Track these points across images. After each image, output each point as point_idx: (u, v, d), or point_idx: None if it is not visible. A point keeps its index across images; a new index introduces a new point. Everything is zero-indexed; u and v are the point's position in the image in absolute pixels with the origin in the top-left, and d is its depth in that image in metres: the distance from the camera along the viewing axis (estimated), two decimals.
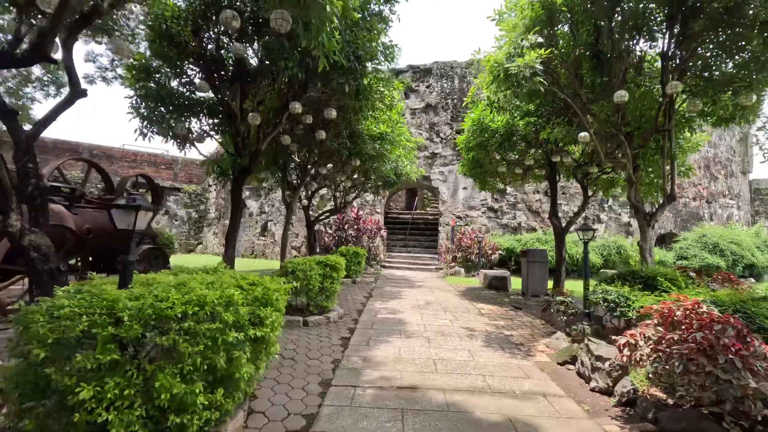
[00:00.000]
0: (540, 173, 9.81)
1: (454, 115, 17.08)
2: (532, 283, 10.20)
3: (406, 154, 11.33)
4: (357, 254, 11.67)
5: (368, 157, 8.83)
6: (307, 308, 6.46)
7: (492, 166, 9.76)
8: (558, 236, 9.37)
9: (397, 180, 11.24)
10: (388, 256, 17.33)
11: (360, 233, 15.46)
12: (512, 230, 16.20)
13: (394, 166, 11.00)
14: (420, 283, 12.30)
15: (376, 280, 12.79)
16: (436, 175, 16.94)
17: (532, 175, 10.47)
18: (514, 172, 10.03)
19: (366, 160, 8.97)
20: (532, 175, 10.47)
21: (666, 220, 17.10)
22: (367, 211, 17.21)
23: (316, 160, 9.05)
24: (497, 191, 11.90)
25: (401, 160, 10.99)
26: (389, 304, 8.40)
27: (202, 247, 22.31)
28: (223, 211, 21.31)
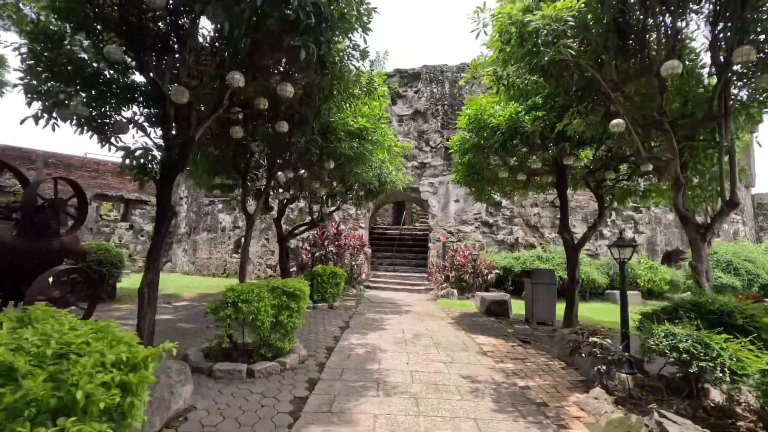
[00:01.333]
0: (546, 181, 8.45)
1: (444, 122, 15.81)
2: (538, 308, 8.72)
3: (391, 160, 9.89)
4: (335, 275, 10.08)
5: (345, 159, 7.35)
6: (257, 351, 4.85)
7: (491, 172, 8.37)
8: (570, 254, 7.95)
9: (380, 189, 9.76)
10: (373, 276, 15.73)
11: (341, 250, 13.89)
12: (509, 247, 14.79)
13: (378, 172, 9.54)
14: (407, 307, 10.72)
15: (357, 303, 11.17)
16: (425, 187, 15.55)
17: (535, 183, 9.09)
18: (517, 179, 8.65)
19: (342, 162, 7.49)
20: (535, 183, 9.09)
21: (672, 236, 15.91)
22: (349, 225, 15.68)
23: (282, 161, 7.53)
24: (492, 204, 10.51)
25: (386, 165, 9.54)
26: (369, 338, 6.81)
27: (171, 265, 20.42)
28: (193, 225, 19.57)
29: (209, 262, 18.47)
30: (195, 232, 19.38)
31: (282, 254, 11.14)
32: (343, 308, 10.14)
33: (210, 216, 18.81)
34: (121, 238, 19.14)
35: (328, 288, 9.92)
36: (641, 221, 15.29)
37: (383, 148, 8.23)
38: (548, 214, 14.86)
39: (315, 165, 7.73)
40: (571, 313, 7.71)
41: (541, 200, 14.90)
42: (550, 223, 14.86)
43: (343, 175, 8.22)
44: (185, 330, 7.05)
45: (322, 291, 9.93)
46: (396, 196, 16.50)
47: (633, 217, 15.24)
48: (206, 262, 18.58)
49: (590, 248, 14.79)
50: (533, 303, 8.72)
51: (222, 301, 4.61)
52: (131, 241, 19.48)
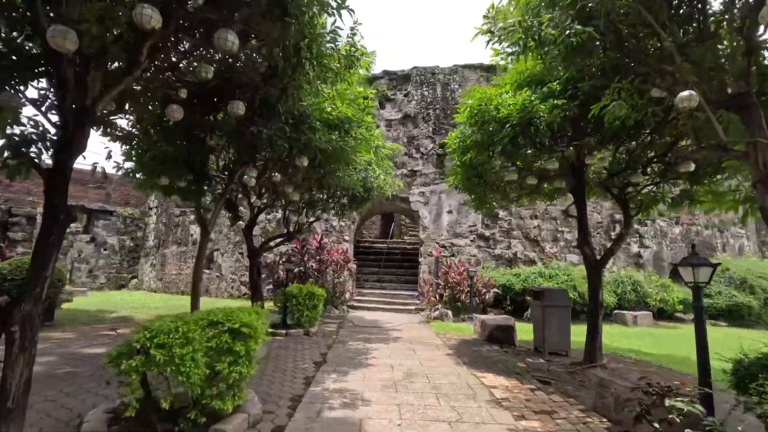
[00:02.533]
0: (558, 185, 7.23)
1: (436, 127, 14.65)
2: (551, 335, 7.41)
3: (378, 162, 8.59)
4: (312, 296, 8.64)
5: (322, 157, 6.01)
6: (184, 415, 3.39)
7: (495, 175, 7.12)
8: (592, 271, 6.68)
9: (366, 196, 8.43)
10: (358, 294, 14.27)
11: (323, 266, 12.44)
12: (506, 262, 13.53)
13: (363, 176, 8.22)
14: (397, 332, 9.30)
15: (339, 328, 9.71)
16: (415, 197, 14.28)
17: (544, 190, 7.88)
18: (525, 184, 7.41)
19: (320, 161, 6.14)
20: (544, 190, 7.88)
21: (679, 251, 14.87)
22: (333, 239, 14.27)
23: (245, 158, 6.15)
24: (492, 215, 9.24)
25: (372, 168, 8.23)
26: (349, 379, 5.38)
27: (137, 281, 18.63)
28: (163, 238, 17.90)
29: (178, 279, 16.78)
30: (164, 245, 17.70)
31: (253, 270, 9.67)
32: (321, 334, 8.67)
33: (180, 228, 17.20)
34: (80, 252, 17.35)
35: (304, 311, 8.47)
36: (646, 235, 14.23)
37: (369, 147, 6.92)
38: (549, 226, 13.70)
39: (286, 163, 6.37)
40: (594, 343, 6.40)
41: (541, 212, 13.75)
42: (551, 236, 13.68)
43: (322, 178, 6.86)
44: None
45: (297, 315, 8.47)
46: (383, 206, 15.20)
47: (638, 231, 14.18)
48: (175, 279, 16.89)
49: None
50: (544, 329, 7.41)
51: (127, 344, 3.18)
52: (92, 255, 17.69)
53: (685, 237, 15.13)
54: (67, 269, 16.02)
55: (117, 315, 10.88)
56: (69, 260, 16.55)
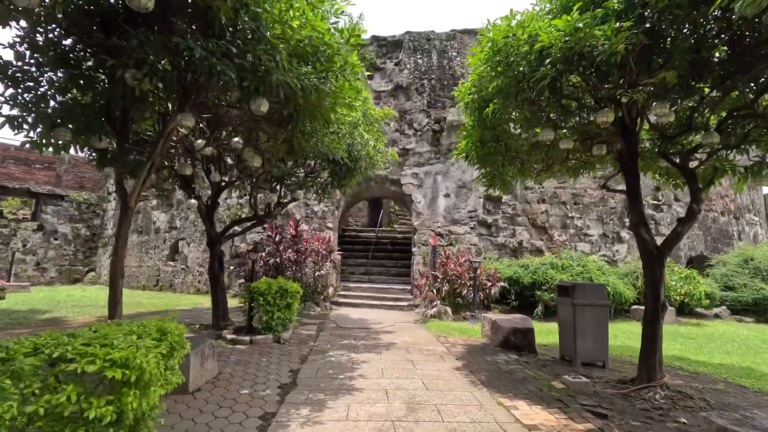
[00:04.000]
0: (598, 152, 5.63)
1: (432, 99, 12.95)
2: (585, 343, 5.88)
3: (368, 127, 6.88)
4: (285, 293, 6.92)
5: (292, 105, 4.27)
6: None
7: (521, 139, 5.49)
8: (651, 262, 5.12)
9: (352, 167, 6.70)
10: (344, 289, 12.60)
11: (302, 256, 10.71)
12: (511, 252, 12.00)
13: (349, 143, 6.50)
14: (389, 335, 7.68)
15: (319, 330, 8.04)
16: (408, 179, 12.60)
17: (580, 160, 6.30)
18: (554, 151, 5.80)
19: (287, 108, 4.40)
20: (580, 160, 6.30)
21: (696, 239, 13.58)
22: (314, 226, 12.53)
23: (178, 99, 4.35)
24: (507, 193, 7.58)
25: (359, 132, 6.51)
26: (324, 422, 3.71)
27: (95, 275, 16.59)
28: None
29: (139, 272, 14.83)
30: None
31: (213, 261, 7.96)
32: (296, 340, 6.98)
33: (142, 214, 15.20)
34: (25, 242, 15.21)
35: (274, 312, 6.75)
36: (662, 221, 12.87)
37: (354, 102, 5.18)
38: (558, 211, 12.20)
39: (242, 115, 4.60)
40: (654, 356, 4.86)
41: (549, 195, 12.23)
42: (560, 222, 12.19)
43: (293, 139, 5.11)
44: None
45: (265, 317, 6.75)
46: (371, 190, 13.50)
47: (653, 217, 12.80)
48: (135, 272, 14.94)
49: (607, 253, 12.21)
50: (576, 333, 5.87)
51: None
52: (40, 246, 15.57)
53: (702, 224, 13.84)
54: (8, 261, 13.94)
55: (49, 316, 9.00)
56: (10, 251, 14.42)
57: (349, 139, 6.57)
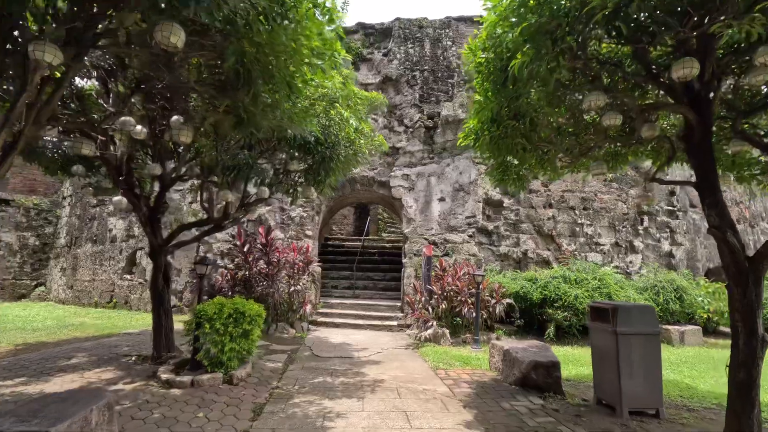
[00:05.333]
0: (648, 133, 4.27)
1: (424, 93, 11.62)
2: (631, 381, 4.45)
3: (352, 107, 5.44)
4: (241, 317, 5.35)
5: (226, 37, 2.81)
6: None
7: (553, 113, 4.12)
8: (742, 278, 3.67)
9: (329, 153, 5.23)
10: (324, 306, 11.03)
11: (274, 269, 9.14)
12: (515, 263, 10.61)
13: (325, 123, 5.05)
14: (375, 368, 6.14)
15: (289, 362, 6.46)
16: (398, 181, 11.18)
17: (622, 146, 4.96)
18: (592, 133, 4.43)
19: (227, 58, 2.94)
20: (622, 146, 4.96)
21: (713, 249, 12.38)
22: (291, 234, 10.98)
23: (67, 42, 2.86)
24: (521, 189, 6.14)
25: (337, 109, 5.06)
26: None
27: (44, 290, 14.68)
28: (76, 234, 14.06)
29: (92, 287, 13.02)
30: (77, 244, 13.88)
31: (156, 277, 6.39)
32: (255, 379, 5.40)
33: (97, 221, 13.44)
34: None
35: (226, 343, 5.16)
36: (678, 229, 11.65)
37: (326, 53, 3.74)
38: (566, 217, 10.88)
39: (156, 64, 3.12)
40: (751, 412, 3.42)
41: (556, 199, 10.92)
42: (568, 230, 10.86)
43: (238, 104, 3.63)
44: None
45: (214, 349, 5.16)
46: (356, 193, 12.03)
47: (669, 224, 11.58)
48: (88, 286, 13.12)
49: (620, 264, 10.90)
50: (620, 372, 4.44)
51: None
52: None
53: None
54: None
55: None
56: None
57: (325, 119, 5.12)
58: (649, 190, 11.25)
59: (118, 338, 8.05)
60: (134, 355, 6.50)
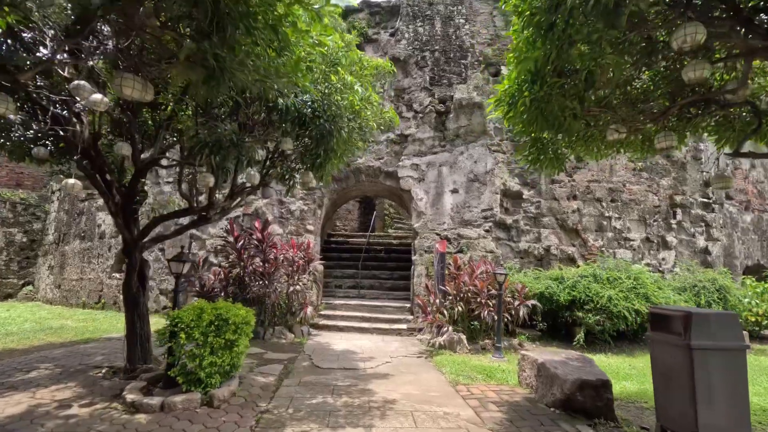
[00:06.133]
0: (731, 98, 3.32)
1: (435, 75, 10.66)
2: (711, 411, 3.50)
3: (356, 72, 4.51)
4: (224, 324, 4.45)
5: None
6: None
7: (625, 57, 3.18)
8: None
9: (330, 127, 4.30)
10: (327, 307, 10.14)
11: (271, 267, 8.25)
12: (536, 260, 9.65)
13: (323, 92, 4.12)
14: (385, 384, 5.22)
15: (283, 376, 5.56)
16: (406, 171, 10.24)
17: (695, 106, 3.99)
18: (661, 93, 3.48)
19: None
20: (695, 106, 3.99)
21: (752, 245, 11.36)
22: (291, 229, 10.08)
23: None
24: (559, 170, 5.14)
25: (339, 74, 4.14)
26: None
27: (32, 289, 13.91)
28: (64, 231, 13.26)
29: (79, 286, 12.21)
30: (65, 241, 13.08)
31: (130, 277, 5.51)
32: (241, 399, 4.50)
33: (85, 216, 12.62)
34: None
35: (205, 356, 4.27)
36: (714, 223, 10.62)
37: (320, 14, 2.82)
38: (592, 210, 9.89)
39: None
40: None
41: (581, 190, 9.93)
42: (595, 224, 9.87)
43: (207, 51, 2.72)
44: None
45: (191, 364, 4.25)
46: (361, 185, 11.10)
47: (704, 218, 10.55)
48: (76, 286, 12.31)
49: (652, 261, 9.90)
50: (696, 397, 3.49)
51: None
52: None
53: (757, 227, 11.62)
54: None
55: None
56: None
57: (324, 85, 4.19)
58: (723, 171, 10.22)
59: (96, 344, 7.20)
60: (106, 366, 5.63)
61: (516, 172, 9.94)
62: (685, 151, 10.71)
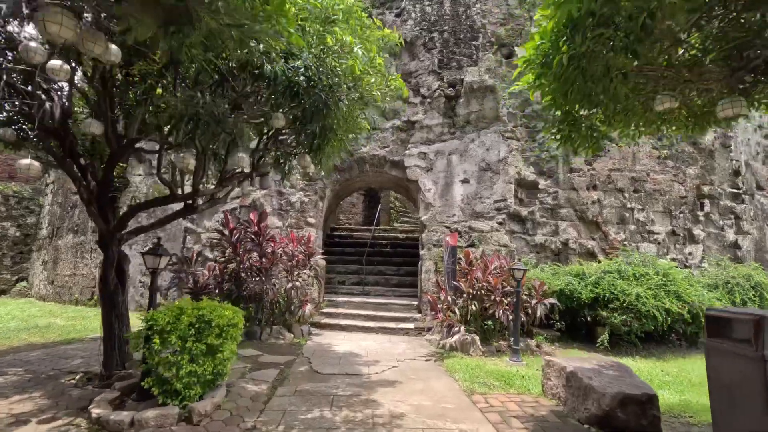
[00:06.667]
0: None
1: (444, 57, 9.97)
2: None
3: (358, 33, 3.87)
4: (206, 326, 3.87)
5: None
6: None
7: None
8: None
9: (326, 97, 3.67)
10: (329, 305, 9.56)
11: (268, 261, 7.66)
12: (553, 254, 8.98)
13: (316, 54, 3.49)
14: (391, 393, 4.61)
15: (278, 383, 4.97)
16: (413, 160, 9.59)
17: None
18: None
19: None
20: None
21: None
22: (291, 221, 9.50)
23: None
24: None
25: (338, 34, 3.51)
26: None
27: (26, 285, 13.47)
28: (57, 224, 12.78)
29: (72, 282, 11.73)
30: (58, 235, 12.61)
31: (106, 272, 4.96)
32: (226, 415, 3.91)
33: (78, 209, 12.11)
34: None
35: (183, 365, 3.68)
36: (744, 215, 9.88)
37: None
38: (613, 201, 9.19)
39: None
40: None
41: (602, 179, 9.23)
42: (616, 216, 9.18)
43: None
44: None
45: (168, 373, 3.67)
46: (365, 176, 10.47)
47: (733, 210, 9.82)
48: (69, 282, 11.84)
49: (678, 256, 9.20)
50: None
51: None
52: None
53: None
54: None
55: None
56: None
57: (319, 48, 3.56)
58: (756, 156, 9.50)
59: (79, 345, 6.67)
60: (81, 371, 5.08)
61: (531, 161, 9.26)
62: (713, 138, 9.97)
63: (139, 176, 10.14)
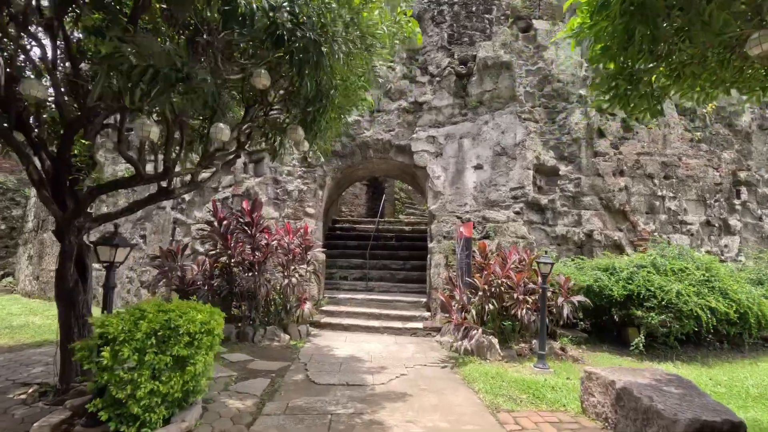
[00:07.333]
0: None
1: (455, 32, 9.11)
2: None
3: None
4: (168, 334, 3.10)
5: None
6: None
7: None
8: None
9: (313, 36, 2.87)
10: (330, 302, 8.80)
11: (262, 255, 6.90)
12: (575, 247, 8.17)
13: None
14: (400, 410, 3.83)
15: (266, 398, 4.20)
16: (421, 144, 8.76)
17: None
18: None
19: None
20: None
21: None
22: (288, 211, 8.72)
23: None
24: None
25: None
26: None
27: (11, 281, 12.81)
28: (43, 217, 12.07)
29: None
30: (43, 228, 11.90)
31: (64, 266, 4.18)
32: None
33: None
34: None
35: (141, 382, 2.92)
36: None
37: None
38: (642, 188, 8.35)
39: None
40: None
41: (629, 165, 8.37)
42: (646, 205, 8.34)
43: None
44: None
45: (121, 394, 2.91)
46: (369, 163, 9.62)
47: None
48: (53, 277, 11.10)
49: (713, 248, 8.37)
50: None
51: None
52: None
53: None
54: None
55: None
56: None
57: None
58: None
59: (48, 349, 5.92)
60: (38, 383, 4.34)
61: (551, 144, 8.41)
62: (750, 120, 9.08)
63: (108, 154, 9.39)
